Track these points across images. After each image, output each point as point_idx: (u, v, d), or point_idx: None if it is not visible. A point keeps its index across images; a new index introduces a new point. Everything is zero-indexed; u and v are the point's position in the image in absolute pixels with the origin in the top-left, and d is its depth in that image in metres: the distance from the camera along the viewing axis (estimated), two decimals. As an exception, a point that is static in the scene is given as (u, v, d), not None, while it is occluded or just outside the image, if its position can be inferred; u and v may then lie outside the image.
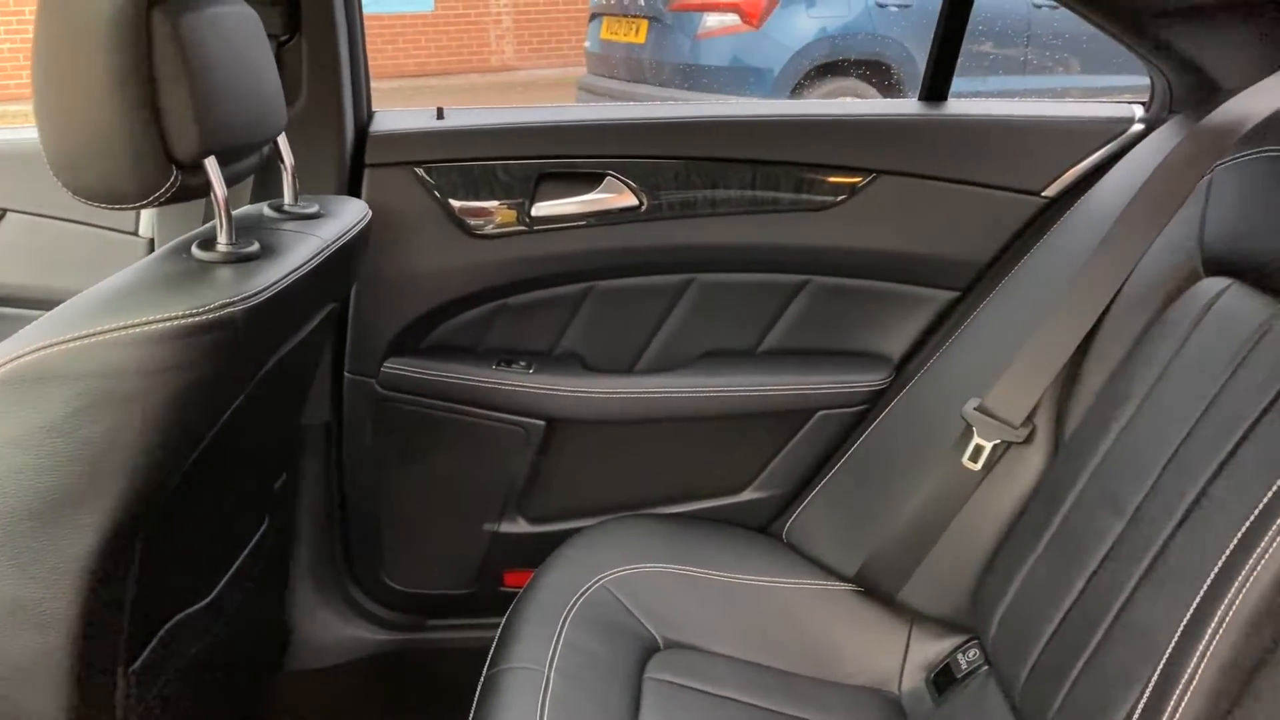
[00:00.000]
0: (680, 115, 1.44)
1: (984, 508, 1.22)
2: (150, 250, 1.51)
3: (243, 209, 1.14)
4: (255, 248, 0.95)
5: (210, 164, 0.90)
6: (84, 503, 0.85)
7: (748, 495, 1.56)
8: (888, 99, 4.33)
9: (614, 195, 1.42)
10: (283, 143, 1.10)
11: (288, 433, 1.32)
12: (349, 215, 1.14)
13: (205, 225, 1.11)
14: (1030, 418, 1.20)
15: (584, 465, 1.53)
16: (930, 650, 1.26)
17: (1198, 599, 0.84)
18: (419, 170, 1.38)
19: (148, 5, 0.83)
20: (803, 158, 1.42)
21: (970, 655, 1.22)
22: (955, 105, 1.50)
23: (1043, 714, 1.00)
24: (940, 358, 1.39)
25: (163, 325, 0.82)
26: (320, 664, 1.55)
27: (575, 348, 1.51)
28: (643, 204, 1.42)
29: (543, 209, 1.42)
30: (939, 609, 1.26)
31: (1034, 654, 1.05)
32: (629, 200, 1.42)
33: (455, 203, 1.40)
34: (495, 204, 1.41)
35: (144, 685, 1.01)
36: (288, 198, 1.12)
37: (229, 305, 0.85)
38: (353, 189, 1.38)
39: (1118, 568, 0.98)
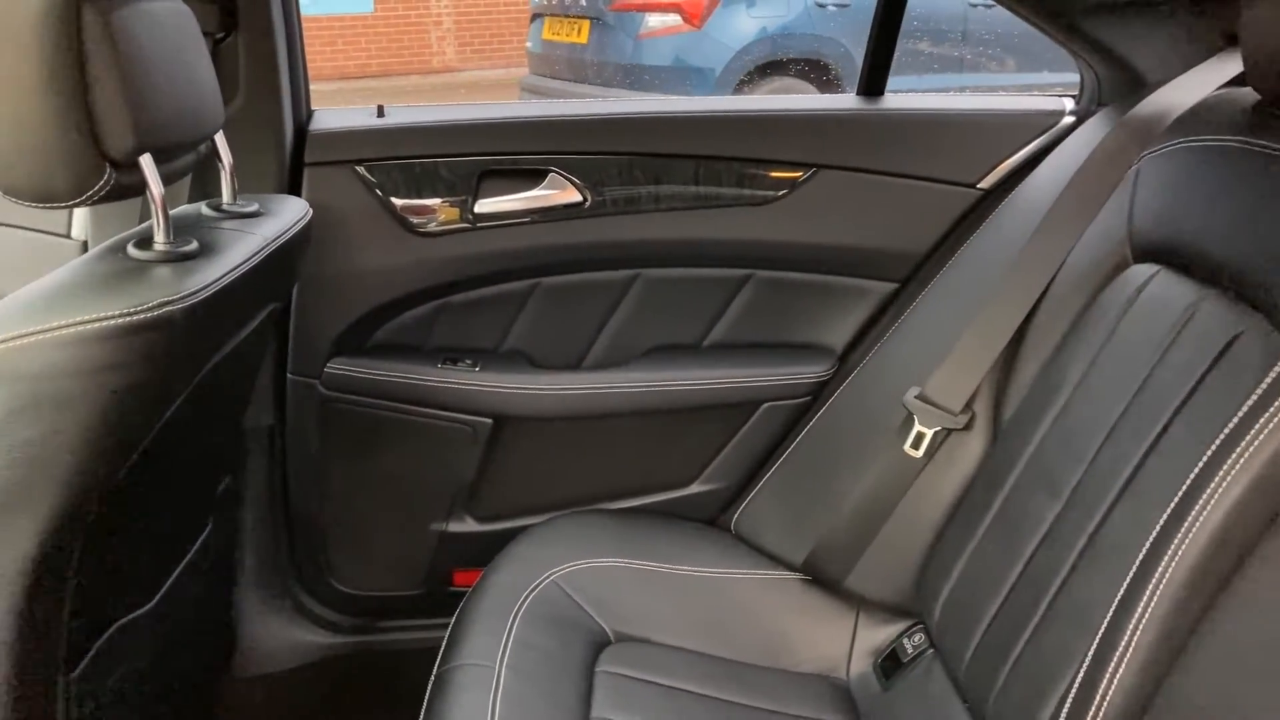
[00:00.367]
0: (623, 111, 1.45)
1: (926, 494, 1.25)
2: (83, 253, 1.48)
3: (180, 208, 1.12)
4: (194, 246, 0.94)
5: (146, 162, 0.89)
6: (20, 506, 0.84)
7: (696, 488, 1.57)
8: (827, 95, 4.37)
9: (557, 191, 1.42)
10: (220, 141, 1.08)
11: (230, 435, 1.30)
12: (289, 214, 1.13)
13: (142, 225, 1.09)
14: (969, 405, 1.22)
15: (532, 463, 1.53)
16: (877, 635, 1.28)
17: (1131, 574, 0.86)
18: (360, 169, 1.37)
19: (78, 1, 0.82)
20: (744, 153, 1.44)
21: (916, 639, 1.24)
22: (892, 100, 1.53)
23: (986, 694, 1.02)
24: (881, 348, 1.41)
25: (100, 325, 0.81)
26: (268, 670, 1.53)
27: (521, 345, 1.51)
28: (586, 200, 1.43)
29: (486, 206, 1.41)
30: (885, 595, 1.28)
31: (977, 636, 1.07)
32: (573, 196, 1.42)
33: (397, 201, 1.39)
34: (438, 202, 1.40)
35: (85, 693, 0.99)
36: (226, 196, 1.11)
37: (167, 304, 0.83)
38: (293, 188, 1.37)
39: (1056, 548, 1.00)
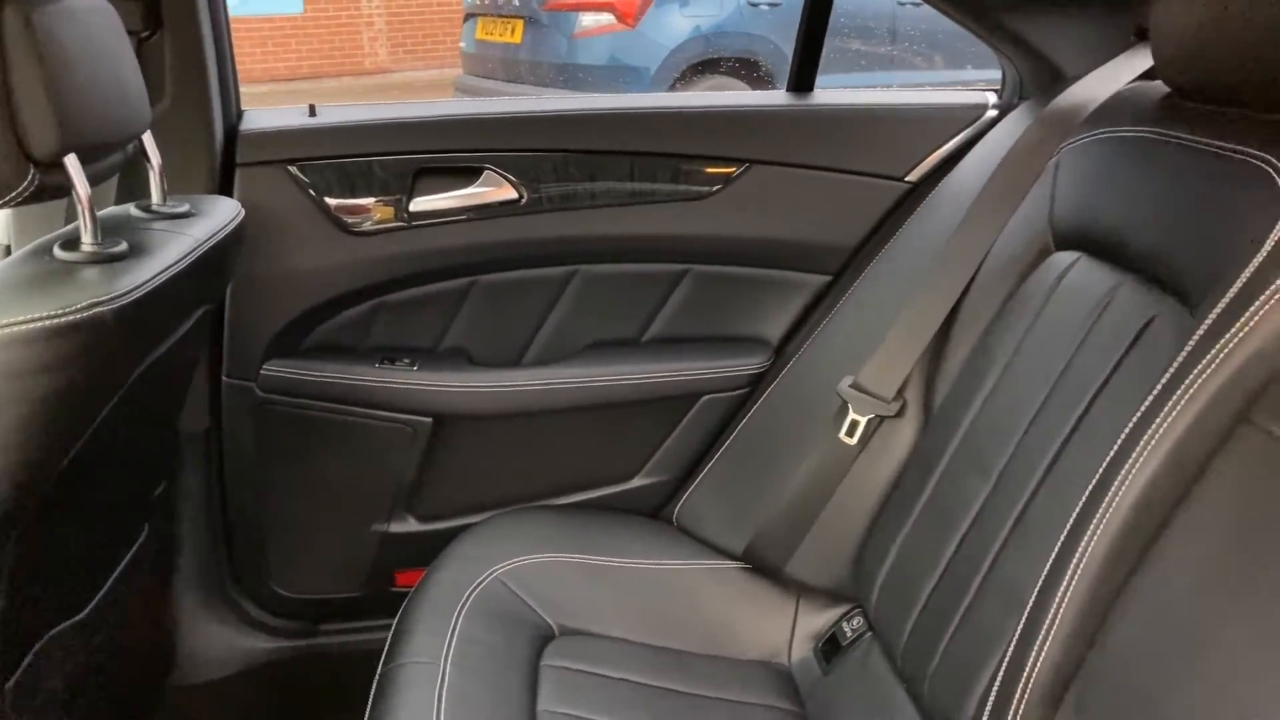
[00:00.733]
0: (557, 109, 1.45)
1: (862, 481, 1.27)
2: (5, 256, 1.45)
3: (107, 210, 1.10)
4: (123, 247, 0.93)
5: (71, 162, 0.87)
6: None
7: (637, 482, 1.58)
8: (758, 91, 4.42)
9: (493, 189, 1.42)
10: (148, 141, 1.07)
11: (165, 440, 1.28)
12: (221, 214, 1.12)
13: (68, 226, 1.07)
14: (901, 392, 1.25)
15: (473, 461, 1.53)
16: (817, 621, 1.31)
17: (1055, 550, 0.89)
18: (292, 169, 1.36)
19: None
20: (679, 149, 1.45)
21: (855, 623, 1.26)
22: (821, 95, 1.55)
23: (922, 673, 1.05)
24: (815, 340, 1.44)
25: (28, 327, 0.80)
26: (209, 677, 1.51)
27: (460, 343, 1.51)
28: (523, 197, 1.43)
29: (421, 204, 1.41)
30: (824, 581, 1.30)
31: (913, 617, 1.10)
32: (509, 194, 1.43)
33: (331, 200, 1.38)
34: (372, 201, 1.40)
35: (20, 704, 0.98)
36: (155, 197, 1.09)
37: (98, 305, 0.82)
38: (224, 189, 1.36)
39: (986, 529, 1.03)
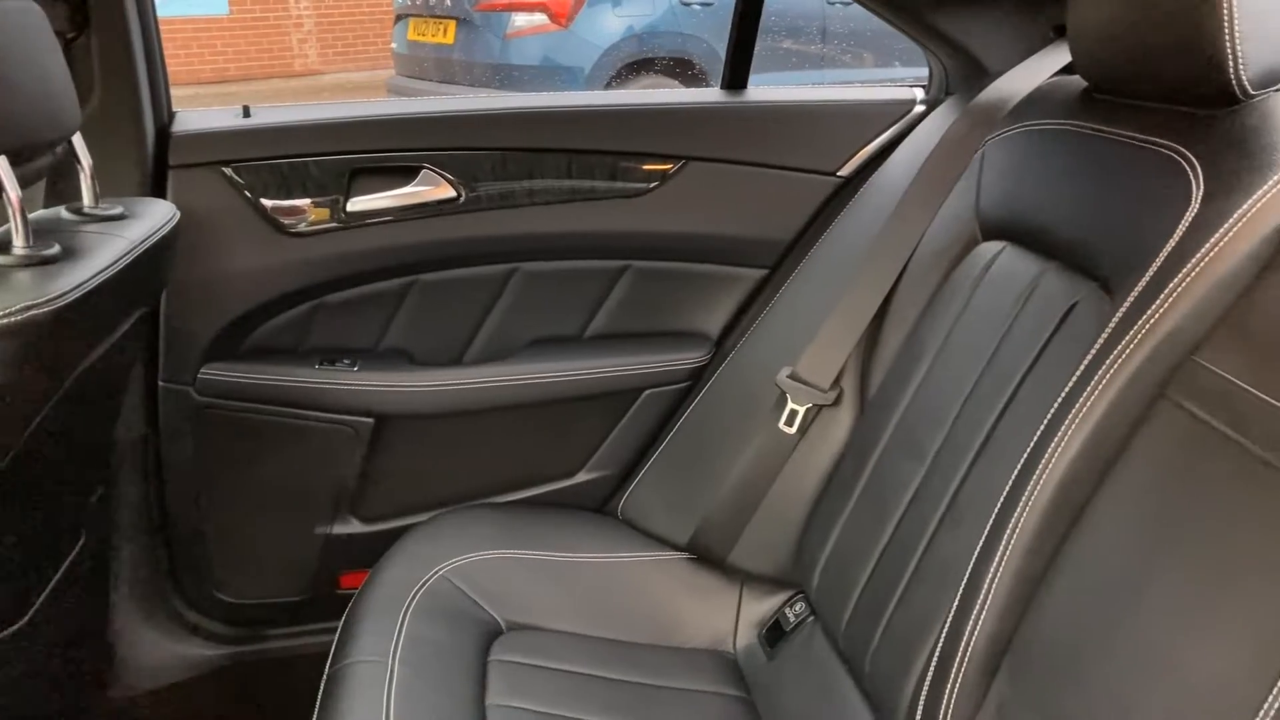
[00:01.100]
0: (495, 107, 1.46)
1: (802, 468, 1.30)
2: None
3: (37, 213, 1.09)
4: (56, 250, 0.92)
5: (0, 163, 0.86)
6: None
7: (581, 477, 1.59)
8: (693, 89, 4.45)
9: (431, 188, 1.42)
10: (78, 143, 1.06)
11: (102, 445, 1.26)
12: (156, 216, 1.11)
13: None
14: (838, 381, 1.28)
15: (416, 460, 1.53)
16: (761, 607, 1.33)
17: (987, 529, 0.93)
18: (227, 170, 1.35)
19: None
20: (616, 146, 1.47)
21: (797, 608, 1.29)
22: (754, 93, 1.58)
23: (863, 653, 1.08)
24: (754, 332, 1.46)
25: None
26: (151, 686, 1.49)
27: (401, 343, 1.50)
28: (461, 196, 1.43)
29: (359, 204, 1.41)
30: (766, 568, 1.33)
31: (853, 599, 1.13)
32: (446, 192, 1.43)
33: (266, 201, 1.37)
34: (309, 201, 1.39)
35: None
36: (87, 200, 1.08)
37: (32, 308, 0.82)
38: (156, 191, 1.34)
39: (921, 510, 1.06)
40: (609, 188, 1.48)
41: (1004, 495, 0.92)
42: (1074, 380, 0.89)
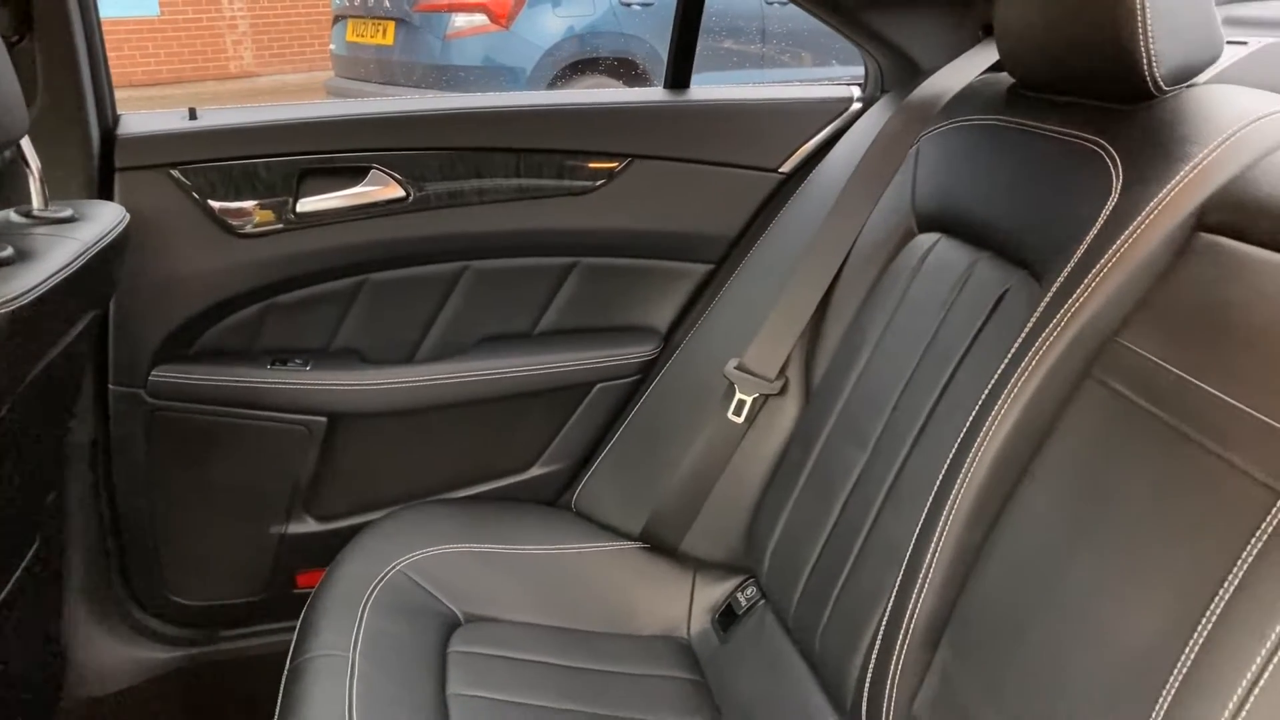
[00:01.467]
0: (442, 107, 1.47)
1: (750, 457, 1.34)
2: None
3: None
4: (9, 252, 0.92)
5: None
6: None
7: (535, 471, 1.61)
8: (637, 88, 4.49)
9: (380, 188, 1.43)
10: (26, 146, 1.06)
11: (55, 448, 1.26)
12: (106, 218, 1.11)
13: None
14: (783, 371, 1.32)
15: (370, 458, 1.54)
16: (713, 593, 1.36)
17: (927, 508, 0.97)
18: (174, 172, 1.35)
19: None
20: (562, 145, 1.49)
21: (749, 593, 1.33)
22: (697, 92, 1.61)
23: (812, 633, 1.12)
24: (701, 326, 1.50)
25: None
26: (104, 691, 1.48)
27: (352, 342, 1.51)
28: (410, 195, 1.45)
29: (308, 205, 1.41)
30: (718, 554, 1.36)
31: (802, 582, 1.16)
32: (395, 192, 1.44)
33: (215, 203, 1.38)
34: (257, 203, 1.40)
35: None
36: (36, 202, 1.08)
37: None
38: (103, 194, 1.33)
39: (866, 494, 1.10)
40: (556, 186, 1.50)
41: (941, 475, 0.96)
42: (1005, 363, 0.94)
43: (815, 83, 1.69)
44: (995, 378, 0.94)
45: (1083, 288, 0.90)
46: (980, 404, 0.95)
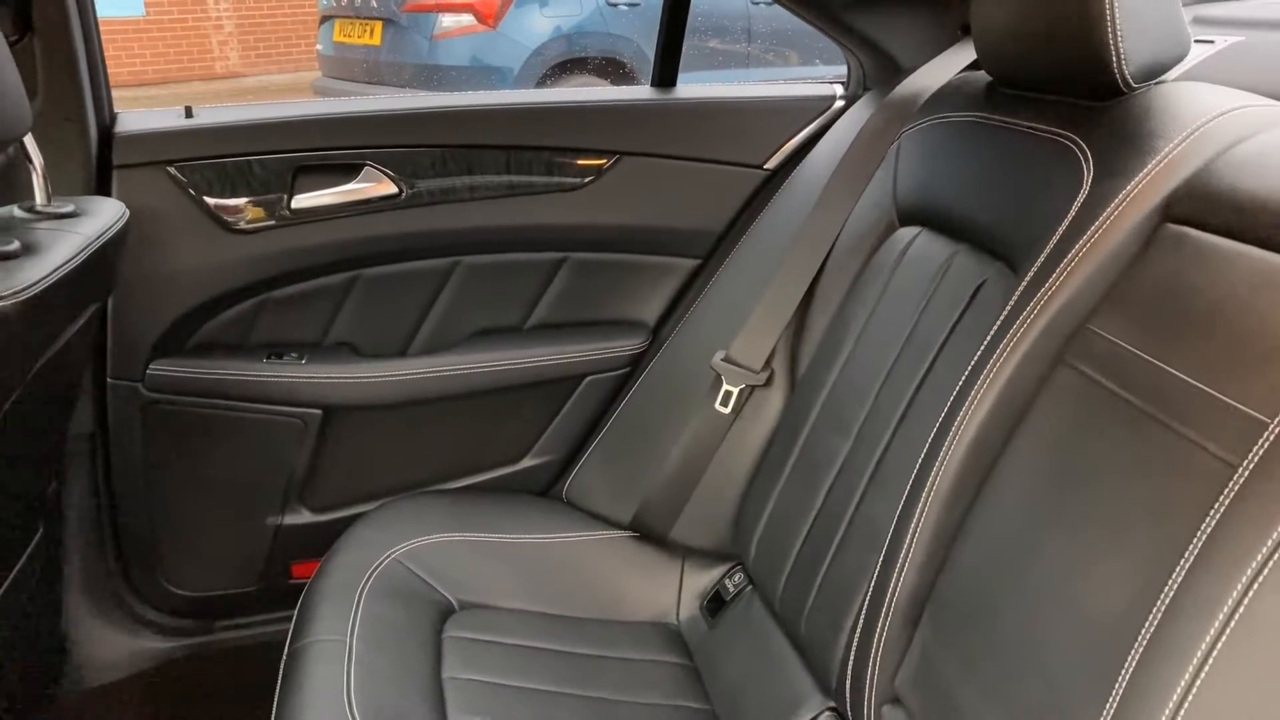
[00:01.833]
0: (434, 105, 1.50)
1: (737, 446, 1.37)
2: None
3: None
4: (15, 246, 0.95)
5: None
6: None
7: (527, 462, 1.64)
8: (624, 87, 4.53)
9: (373, 185, 1.46)
10: (29, 143, 1.08)
11: (57, 440, 1.28)
12: (107, 213, 1.14)
13: None
14: (769, 363, 1.35)
15: (364, 450, 1.57)
16: (702, 580, 1.39)
17: (906, 491, 1.00)
18: (171, 169, 1.37)
19: None
20: (552, 142, 1.52)
21: (736, 579, 1.35)
22: (684, 90, 1.64)
23: (798, 615, 1.15)
24: (689, 319, 1.53)
25: None
26: (103, 680, 1.50)
27: (347, 336, 1.54)
28: (402, 192, 1.47)
29: (302, 201, 1.44)
30: (706, 542, 1.39)
31: (788, 567, 1.19)
32: (388, 189, 1.47)
33: (211, 200, 1.40)
34: (253, 199, 1.42)
35: None
36: (39, 198, 1.10)
37: (0, 300, 0.85)
38: (101, 191, 1.36)
39: (849, 480, 1.14)
40: (546, 183, 1.53)
41: (920, 459, 1.00)
42: (981, 351, 0.97)
43: (800, 81, 1.72)
44: (972, 365, 0.98)
45: (1055, 277, 0.93)
46: (957, 390, 0.98)
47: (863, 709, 1.00)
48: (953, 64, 1.38)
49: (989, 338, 0.97)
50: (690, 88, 1.65)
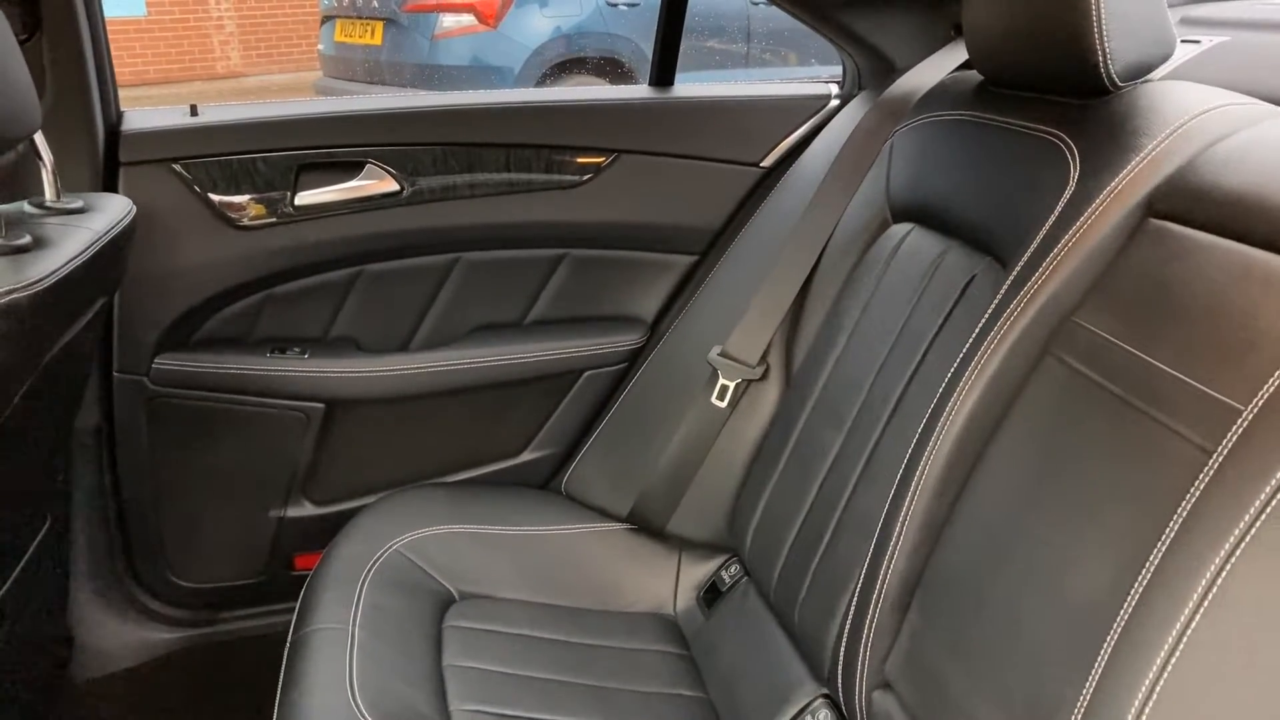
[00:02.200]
0: (435, 104, 1.52)
1: (733, 440, 1.39)
2: None
3: (2, 207, 1.13)
4: (27, 240, 0.97)
5: None
6: None
7: (526, 456, 1.66)
8: (623, 85, 4.55)
9: (375, 182, 1.48)
10: (40, 140, 1.10)
11: (65, 432, 1.30)
12: (115, 209, 1.16)
13: None
14: (764, 357, 1.37)
15: (366, 444, 1.59)
16: (698, 571, 1.41)
17: (897, 480, 1.02)
18: (176, 166, 1.39)
19: None
20: (551, 140, 1.54)
21: (732, 570, 1.38)
22: (681, 89, 1.66)
23: (792, 605, 1.17)
24: (686, 315, 1.55)
25: None
26: (108, 670, 1.52)
27: (349, 331, 1.56)
28: (404, 189, 1.49)
29: (305, 198, 1.46)
30: (703, 534, 1.41)
31: (782, 557, 1.21)
32: (390, 186, 1.49)
33: (215, 197, 1.42)
34: (256, 196, 1.44)
35: None
36: (49, 194, 1.12)
37: (13, 292, 0.87)
38: (108, 188, 1.38)
39: (842, 472, 1.16)
40: (545, 180, 1.55)
41: (910, 449, 1.02)
42: (969, 343, 0.99)
43: (796, 81, 1.74)
44: (960, 357, 1.00)
45: (1041, 271, 0.95)
46: (946, 382, 1.00)
47: (854, 695, 1.02)
48: (945, 64, 1.40)
49: (977, 331, 0.99)
50: (688, 87, 1.67)
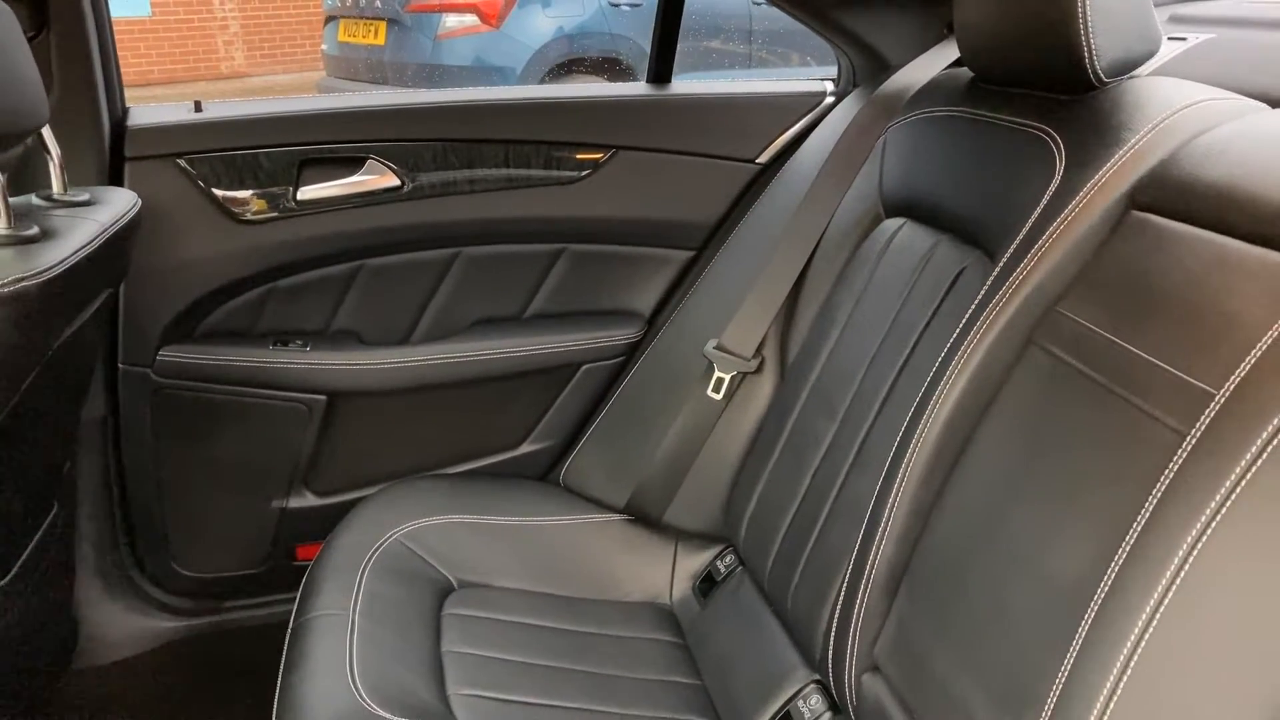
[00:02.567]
0: (436, 100, 1.54)
1: (728, 432, 1.41)
2: None
3: (11, 200, 1.15)
4: (35, 231, 0.99)
5: None
6: None
7: (525, 448, 1.68)
8: (621, 83, 4.56)
9: (376, 177, 1.50)
10: (48, 134, 1.12)
11: (71, 422, 1.32)
12: (121, 202, 1.18)
13: None
14: (759, 350, 1.39)
15: (367, 436, 1.61)
16: (694, 561, 1.43)
17: (886, 468, 1.04)
18: (181, 161, 1.42)
19: None
20: (550, 137, 1.56)
21: (727, 560, 1.39)
22: (678, 86, 1.68)
23: (785, 592, 1.19)
24: (683, 309, 1.57)
25: None
26: (112, 659, 1.55)
27: (350, 324, 1.58)
28: (405, 185, 1.51)
29: (307, 193, 1.48)
30: (698, 524, 1.43)
31: (775, 546, 1.23)
32: (391, 181, 1.51)
33: (219, 191, 1.44)
34: (259, 191, 1.46)
35: None
36: (56, 187, 1.15)
37: (23, 280, 0.89)
38: (114, 182, 1.40)
39: (834, 462, 1.18)
40: (544, 176, 1.57)
41: (899, 435, 1.04)
42: (956, 333, 1.01)
43: (792, 79, 1.76)
44: (948, 347, 1.02)
45: (1026, 262, 0.97)
46: (934, 372, 1.02)
47: (844, 679, 1.04)
48: (938, 61, 1.42)
49: (964, 321, 1.01)
50: (685, 84, 1.69)
